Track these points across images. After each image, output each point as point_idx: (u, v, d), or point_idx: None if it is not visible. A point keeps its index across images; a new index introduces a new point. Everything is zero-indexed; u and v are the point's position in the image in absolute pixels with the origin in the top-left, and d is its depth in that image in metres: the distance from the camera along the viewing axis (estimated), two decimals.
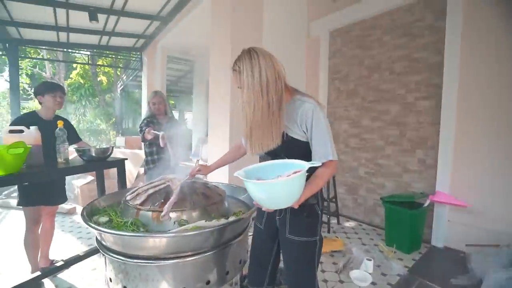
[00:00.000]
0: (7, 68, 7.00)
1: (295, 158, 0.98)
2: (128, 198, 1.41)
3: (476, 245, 2.23)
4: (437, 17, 2.49)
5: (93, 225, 1.12)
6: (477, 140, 2.30)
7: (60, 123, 1.76)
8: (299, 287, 1.09)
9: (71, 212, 3.36)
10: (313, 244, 1.07)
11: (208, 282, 1.23)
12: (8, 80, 5.21)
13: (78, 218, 3.24)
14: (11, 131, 1.52)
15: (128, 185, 4.03)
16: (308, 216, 1.06)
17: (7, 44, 4.84)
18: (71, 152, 2.95)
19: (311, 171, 0.96)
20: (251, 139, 1.02)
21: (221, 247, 1.26)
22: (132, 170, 4.09)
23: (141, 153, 4.39)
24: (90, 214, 1.38)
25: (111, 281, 1.24)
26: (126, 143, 5.93)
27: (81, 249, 2.43)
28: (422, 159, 2.67)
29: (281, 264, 1.26)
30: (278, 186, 0.87)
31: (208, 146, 3.18)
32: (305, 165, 0.91)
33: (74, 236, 2.71)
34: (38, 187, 1.82)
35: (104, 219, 1.35)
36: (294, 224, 1.07)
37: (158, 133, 2.17)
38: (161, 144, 2.16)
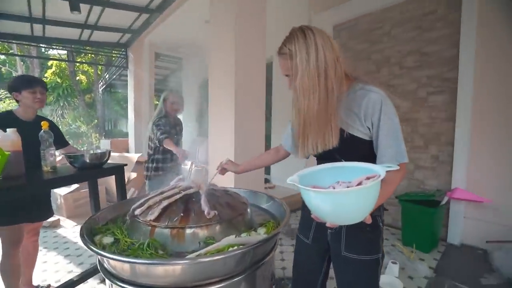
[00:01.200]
0: None
1: (354, 160, 0.81)
2: (137, 212, 1.17)
3: (497, 242, 2.17)
4: (451, 8, 2.41)
5: (103, 253, 0.88)
6: (494, 134, 2.24)
7: (44, 124, 1.47)
8: None
9: (55, 225, 3.00)
10: (375, 262, 0.90)
11: None
12: None
13: (63, 231, 2.89)
14: None
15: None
16: (370, 230, 0.88)
17: None
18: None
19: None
20: (304, 136, 0.82)
21: (254, 267, 1.06)
22: None
23: (131, 156, 4.07)
24: (90, 234, 1.13)
25: None
26: (112, 146, 5.51)
27: (70, 269, 2.12)
28: (435, 155, 2.59)
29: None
30: (352, 197, 0.68)
31: (209, 150, 2.93)
32: (378, 169, 0.73)
33: (60, 253, 2.38)
34: (19, 201, 1.52)
35: (108, 239, 1.11)
36: (352, 240, 0.89)
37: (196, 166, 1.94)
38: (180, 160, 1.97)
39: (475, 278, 1.92)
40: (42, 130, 1.45)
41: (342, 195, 0.67)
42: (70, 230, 2.93)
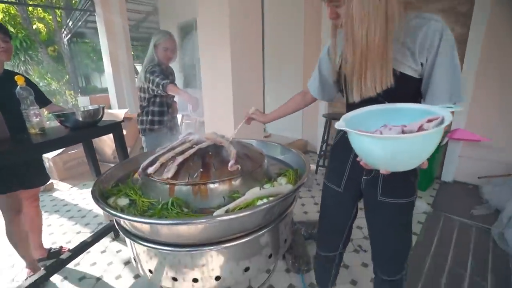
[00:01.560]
0: None
1: (399, 102, 0.72)
2: (150, 171, 1.08)
3: (488, 177, 2.31)
4: None
5: (134, 218, 0.81)
6: (496, 77, 2.23)
7: (20, 79, 1.24)
8: (393, 254, 0.93)
9: (49, 188, 2.89)
10: (411, 205, 0.88)
11: (270, 256, 1.05)
12: None
13: (60, 194, 2.81)
14: None
15: (109, 151, 3.54)
16: (409, 174, 0.84)
17: None
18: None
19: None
20: (361, 74, 0.71)
21: (281, 217, 1.05)
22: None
23: (117, 113, 3.79)
24: (102, 197, 1.04)
25: (151, 272, 1.00)
26: (91, 103, 5.11)
27: (77, 229, 2.10)
28: None
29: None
30: (416, 142, 0.60)
31: (204, 100, 2.73)
32: (438, 111, 0.65)
33: (63, 216, 2.33)
34: (10, 168, 1.37)
35: (124, 201, 1.04)
36: (390, 185, 0.86)
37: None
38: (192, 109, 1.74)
39: (467, 210, 2.09)
40: (18, 87, 1.23)
41: (407, 141, 0.59)
42: (66, 192, 2.84)
